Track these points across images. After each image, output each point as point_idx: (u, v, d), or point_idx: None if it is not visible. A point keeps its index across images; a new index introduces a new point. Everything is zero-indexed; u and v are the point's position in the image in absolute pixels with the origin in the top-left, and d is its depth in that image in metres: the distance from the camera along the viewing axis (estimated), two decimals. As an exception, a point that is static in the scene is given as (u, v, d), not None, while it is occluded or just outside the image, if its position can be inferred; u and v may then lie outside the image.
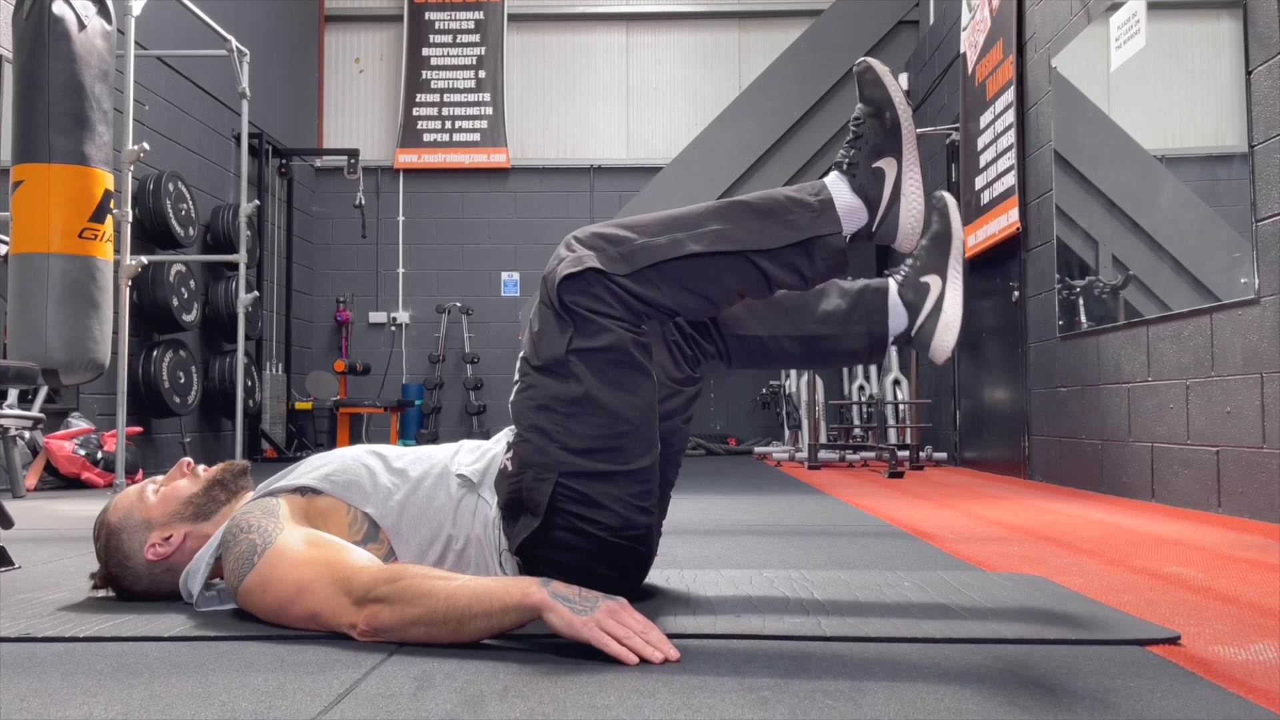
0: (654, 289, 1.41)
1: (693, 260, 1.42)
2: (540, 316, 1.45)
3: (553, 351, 1.42)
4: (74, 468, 4.54)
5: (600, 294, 1.40)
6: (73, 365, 3.81)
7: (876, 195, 1.46)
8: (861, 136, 1.48)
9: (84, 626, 1.38)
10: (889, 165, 1.46)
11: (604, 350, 1.41)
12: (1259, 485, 2.82)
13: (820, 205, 1.46)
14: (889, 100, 1.48)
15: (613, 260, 1.41)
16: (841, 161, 1.50)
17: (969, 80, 5.49)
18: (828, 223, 1.45)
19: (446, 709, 1.00)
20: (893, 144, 1.47)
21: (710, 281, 1.44)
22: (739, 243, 1.43)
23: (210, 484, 1.59)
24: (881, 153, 1.47)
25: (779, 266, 1.44)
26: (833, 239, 1.45)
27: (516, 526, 1.46)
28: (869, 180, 1.46)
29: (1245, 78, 2.91)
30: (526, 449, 1.46)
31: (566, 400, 1.42)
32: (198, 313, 6.22)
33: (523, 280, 8.70)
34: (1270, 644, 1.31)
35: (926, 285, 1.65)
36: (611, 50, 9.00)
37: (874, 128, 1.48)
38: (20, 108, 3.79)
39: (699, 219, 1.45)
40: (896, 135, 1.47)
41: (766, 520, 2.98)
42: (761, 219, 1.44)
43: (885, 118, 1.47)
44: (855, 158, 1.48)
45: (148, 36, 5.69)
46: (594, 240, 1.43)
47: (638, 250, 1.42)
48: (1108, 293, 3.86)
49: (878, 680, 1.10)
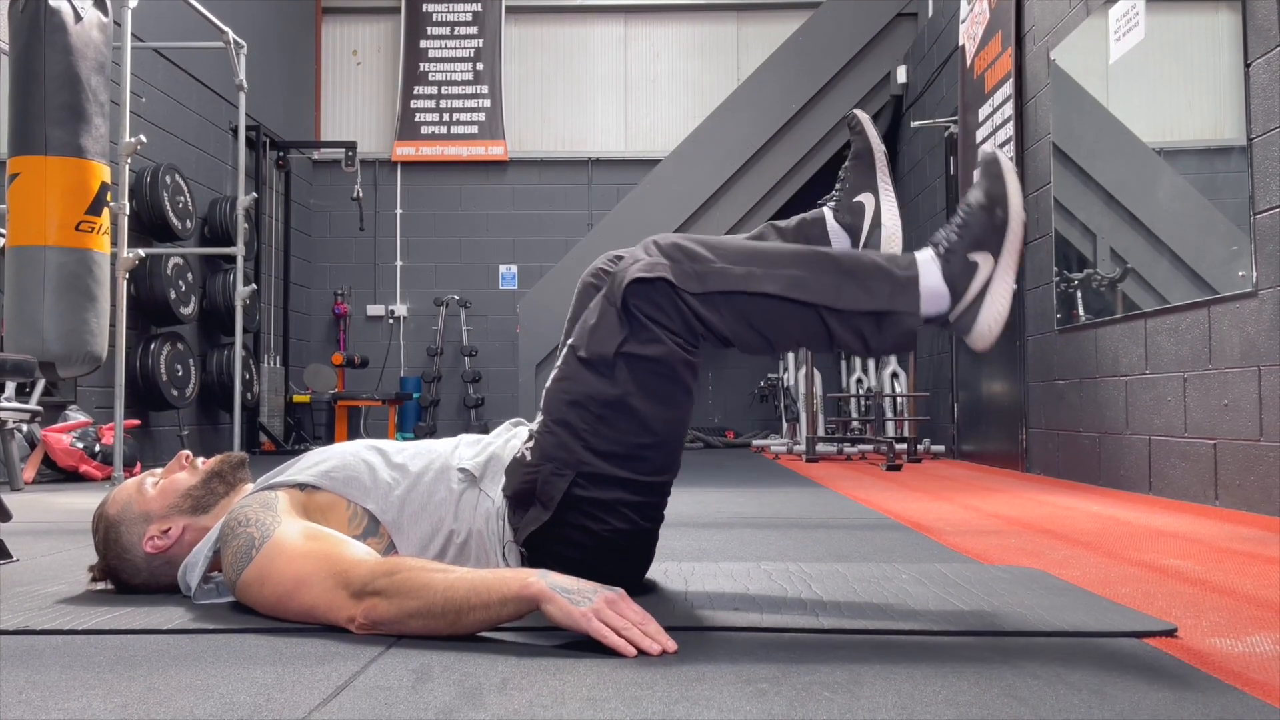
0: (718, 315, 1.40)
1: (763, 299, 1.39)
2: (600, 311, 1.44)
3: (602, 348, 1.41)
4: (72, 460, 4.54)
5: (664, 305, 1.39)
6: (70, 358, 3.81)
7: (964, 287, 1.41)
8: (967, 225, 1.42)
9: (82, 619, 1.38)
10: (985, 261, 1.40)
11: (652, 360, 1.40)
12: (1256, 478, 2.83)
13: (905, 281, 1.41)
14: (1006, 198, 1.41)
15: (686, 276, 1.39)
16: (939, 242, 1.44)
17: (968, 73, 5.48)
18: (907, 301, 1.40)
19: (445, 701, 1.00)
20: (996, 242, 1.41)
21: (773, 324, 1.41)
22: (813, 295, 1.39)
23: (209, 476, 1.59)
24: (981, 246, 1.41)
25: (845, 328, 1.41)
26: (907, 318, 1.40)
27: (525, 518, 1.46)
28: (961, 270, 1.41)
29: (1244, 70, 2.91)
30: (550, 441, 1.45)
31: (602, 401, 1.41)
32: (195, 306, 6.22)
33: (521, 273, 8.70)
34: (1267, 636, 1.31)
35: (861, 204, 1.66)
36: (609, 42, 8.98)
37: (982, 219, 1.42)
38: (16, 100, 3.78)
39: (780, 259, 1.42)
40: (1003, 234, 1.41)
41: (764, 513, 2.98)
42: (842, 277, 1.40)
43: (996, 214, 1.41)
44: (954, 243, 1.42)
45: (144, 28, 5.67)
46: (673, 250, 1.41)
47: (713, 273, 1.40)
48: (1106, 286, 3.86)
49: (875, 672, 1.11)
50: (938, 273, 1.42)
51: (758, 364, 8.46)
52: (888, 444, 5.12)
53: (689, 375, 1.44)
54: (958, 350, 5.84)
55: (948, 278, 1.41)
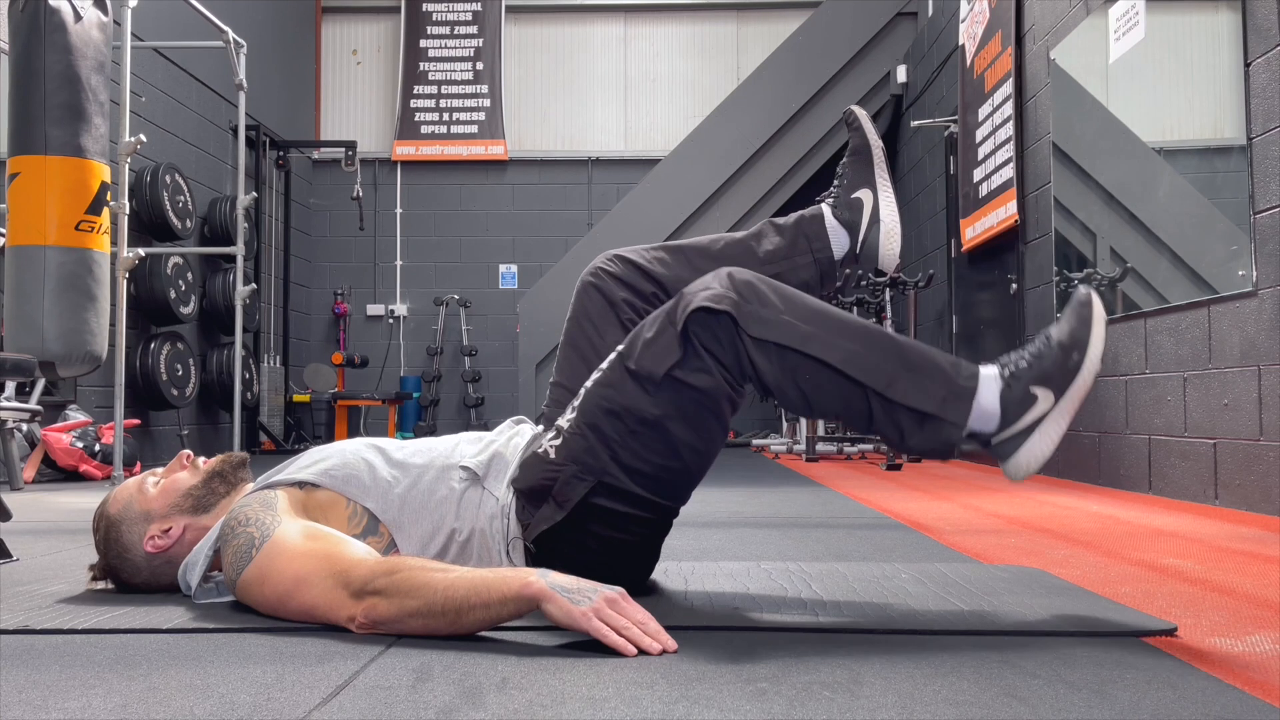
0: (769, 364, 1.39)
1: (818, 364, 1.38)
2: (659, 326, 1.42)
3: (653, 366, 1.40)
4: (72, 460, 4.54)
5: (722, 339, 1.38)
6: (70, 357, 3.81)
7: (1016, 416, 1.38)
8: (1040, 357, 1.39)
9: (82, 618, 1.38)
10: (1045, 398, 1.37)
11: (698, 390, 1.40)
12: (1256, 477, 2.83)
13: (962, 391, 1.38)
14: (1087, 345, 1.38)
15: (750, 317, 1.38)
16: (1005, 365, 1.41)
17: (967, 72, 5.48)
18: (957, 411, 1.38)
19: (445, 700, 1.00)
20: (1063, 383, 1.38)
21: (819, 390, 1.40)
22: (868, 375, 1.38)
23: (209, 476, 1.59)
24: (1047, 382, 1.38)
25: (888, 417, 1.39)
26: (951, 429, 1.38)
27: (538, 515, 1.45)
28: (1020, 398, 1.38)
29: (1244, 70, 2.91)
30: (579, 444, 1.44)
31: (639, 417, 1.41)
32: (195, 305, 6.22)
33: (521, 272, 8.70)
34: (1267, 636, 1.31)
35: (859, 200, 1.66)
36: (609, 42, 8.98)
37: (1056, 357, 1.38)
38: (16, 100, 3.78)
39: (846, 330, 1.40)
40: (1072, 379, 1.38)
41: (764, 512, 2.98)
42: (902, 366, 1.38)
43: (1073, 357, 1.38)
44: (1021, 370, 1.39)
45: (144, 28, 5.67)
46: (745, 288, 1.40)
47: (777, 323, 1.38)
48: (1106, 285, 3.86)
49: (875, 671, 1.11)
50: (996, 393, 1.39)
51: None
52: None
53: (729, 411, 1.44)
54: (958, 350, 5.84)
55: (1004, 402, 1.39)
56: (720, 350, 1.39)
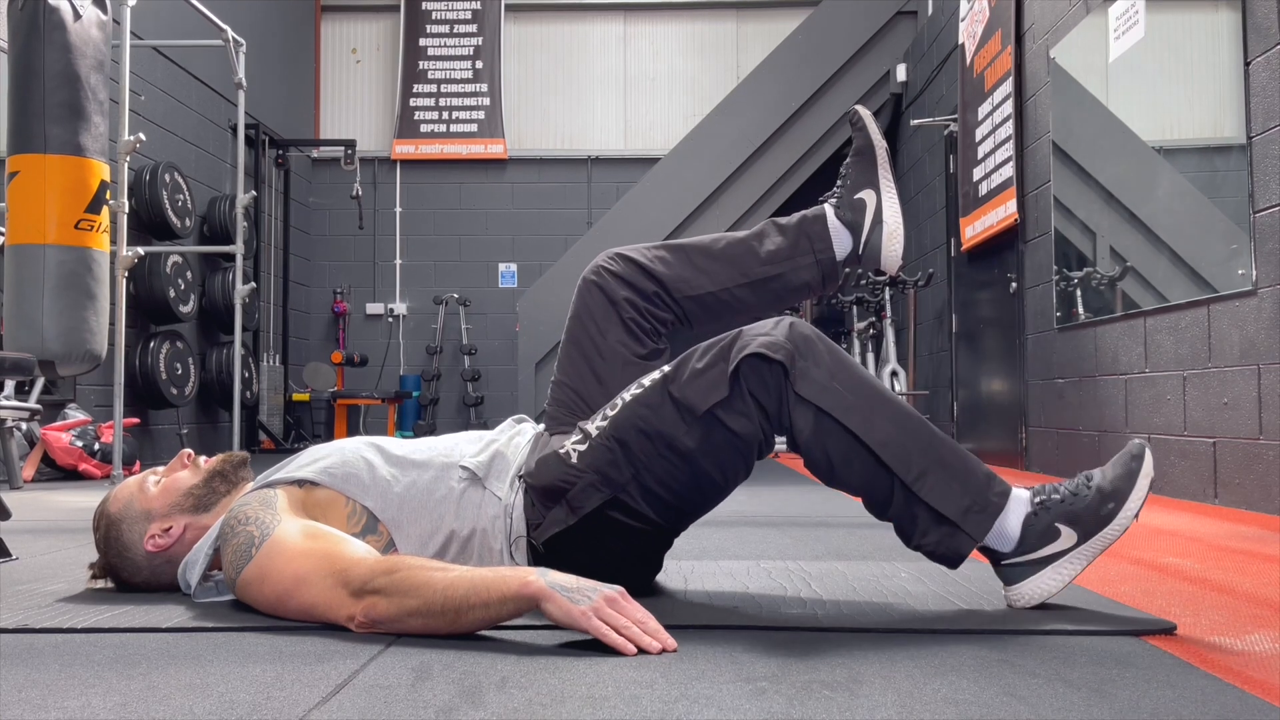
0: (805, 423, 1.39)
1: (852, 438, 1.38)
2: (710, 360, 1.41)
3: (696, 399, 1.39)
4: (71, 459, 4.54)
5: (769, 388, 1.39)
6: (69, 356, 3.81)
7: (1035, 547, 1.38)
8: (1076, 497, 1.39)
9: (82, 617, 1.38)
10: (1069, 538, 1.38)
11: (734, 433, 1.40)
12: (1256, 476, 2.83)
13: (988, 506, 1.38)
14: (1125, 500, 1.37)
15: (800, 374, 1.38)
16: (1040, 495, 1.41)
17: (967, 71, 5.48)
18: (978, 525, 1.38)
19: (444, 699, 1.00)
20: (1091, 529, 1.37)
21: (847, 463, 1.40)
22: (898, 463, 1.38)
23: (210, 475, 1.59)
24: (1075, 523, 1.37)
25: (906, 509, 1.40)
26: (964, 541, 1.38)
27: (549, 516, 1.45)
28: (1044, 531, 1.38)
29: (1244, 68, 2.91)
30: (604, 456, 1.43)
31: (670, 445, 1.41)
32: (195, 304, 6.22)
33: (520, 271, 8.69)
34: (1266, 635, 1.31)
35: (862, 201, 1.66)
36: (609, 41, 8.97)
37: (1093, 503, 1.38)
38: (15, 98, 3.78)
39: (888, 410, 1.39)
40: (1102, 526, 1.37)
41: (764, 511, 2.98)
42: (935, 464, 1.38)
43: (1108, 506, 1.37)
44: (1052, 504, 1.39)
45: (143, 26, 5.67)
46: (804, 343, 1.40)
47: (824, 387, 1.38)
48: (1105, 284, 3.86)
49: (875, 670, 1.11)
50: (1020, 520, 1.39)
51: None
52: (887, 442, 5.11)
53: (756, 456, 1.45)
54: (957, 349, 5.84)
55: (1026, 528, 1.39)
56: (765, 398, 1.39)
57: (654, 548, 1.53)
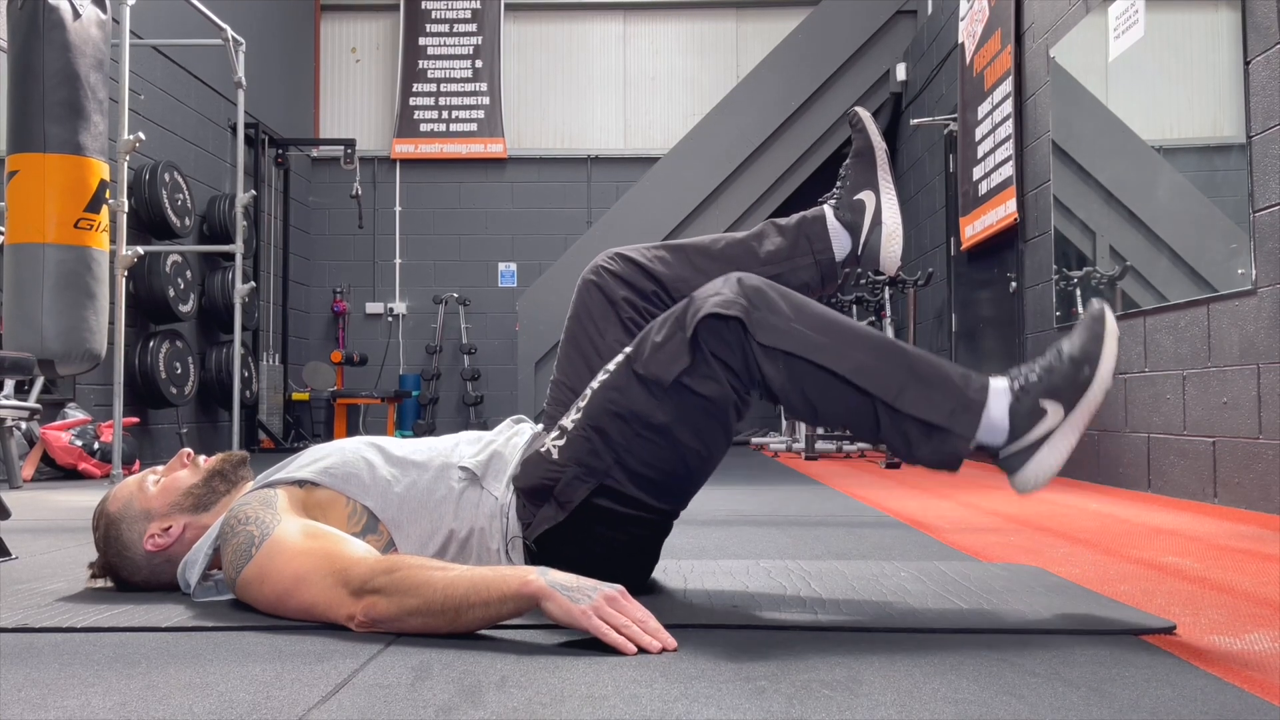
0: (776, 371, 1.39)
1: (826, 374, 1.38)
2: (668, 330, 1.42)
3: (662, 372, 1.40)
4: (71, 458, 4.54)
5: (732, 346, 1.38)
6: (69, 355, 3.81)
7: (1025, 430, 1.38)
8: (1051, 371, 1.39)
9: (81, 617, 1.38)
10: (1055, 412, 1.38)
11: (705, 398, 1.40)
12: (1255, 476, 2.83)
13: (971, 403, 1.38)
14: (1098, 360, 1.38)
15: (760, 325, 1.38)
16: (1015, 376, 1.41)
17: (967, 70, 5.48)
18: (965, 424, 1.38)
19: (444, 699, 1.00)
20: (1073, 397, 1.38)
21: (827, 400, 1.40)
22: (876, 386, 1.37)
23: (210, 475, 1.59)
24: (1057, 396, 1.38)
25: (895, 428, 1.39)
26: (958, 441, 1.38)
27: (539, 515, 1.45)
28: (1029, 411, 1.38)
29: (1243, 68, 2.91)
30: (583, 447, 1.44)
31: (645, 422, 1.41)
32: (194, 303, 6.21)
33: (520, 271, 8.69)
34: (1266, 634, 1.32)
35: (861, 202, 1.66)
36: (608, 40, 8.97)
37: (1068, 372, 1.39)
38: (15, 97, 3.78)
39: (856, 340, 1.40)
40: (1082, 393, 1.38)
41: (763, 511, 2.98)
42: (910, 377, 1.38)
43: (1084, 371, 1.38)
44: (1031, 384, 1.39)
45: (143, 25, 5.66)
46: (755, 295, 1.40)
47: (787, 332, 1.38)
48: (1105, 283, 3.86)
49: (874, 670, 1.11)
50: (1005, 406, 1.39)
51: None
52: (887, 442, 5.11)
53: (734, 419, 1.44)
54: (957, 348, 5.84)
55: (1013, 414, 1.39)
56: (730, 357, 1.39)
57: (650, 535, 1.52)
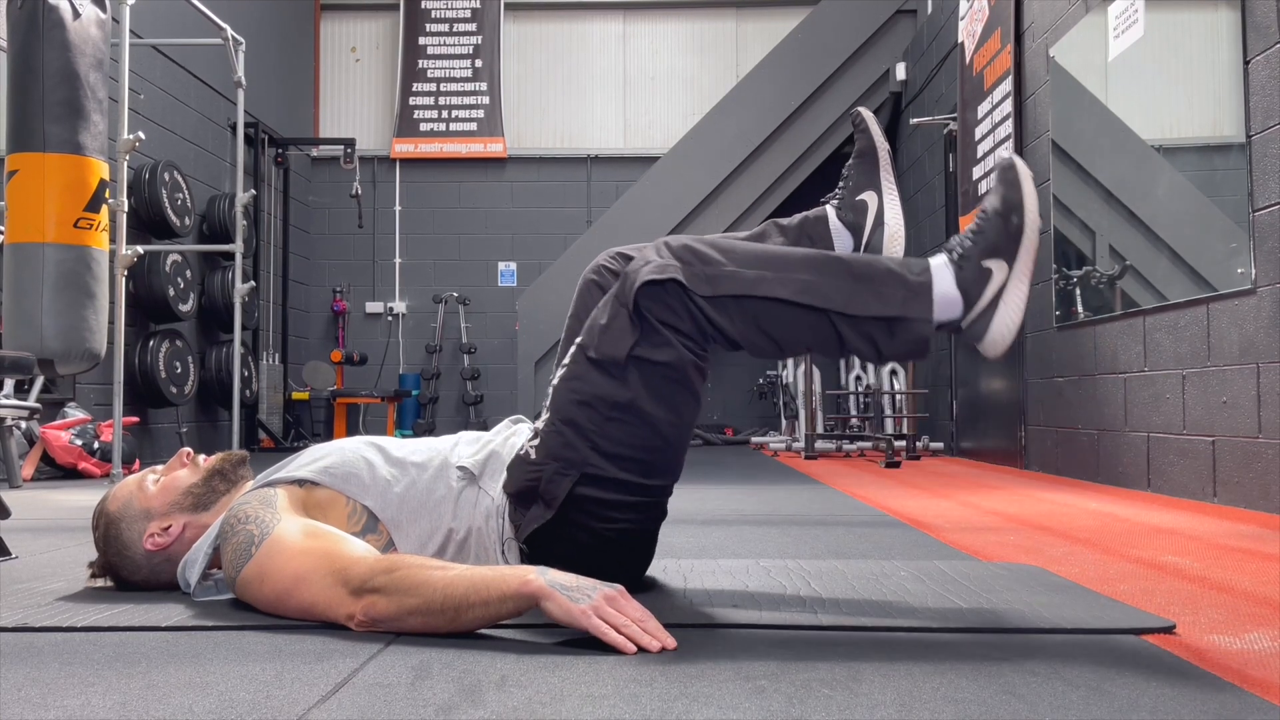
0: (728, 318, 1.39)
1: (774, 304, 1.39)
2: (611, 311, 1.43)
3: (614, 350, 1.41)
4: (71, 458, 4.54)
5: (676, 308, 1.39)
6: (68, 355, 3.80)
7: (978, 294, 1.40)
8: (982, 232, 1.42)
9: (81, 616, 1.38)
10: (999, 268, 1.40)
11: (663, 365, 1.40)
12: (1255, 475, 2.83)
13: (918, 287, 1.40)
14: (1022, 206, 1.41)
15: (697, 278, 1.38)
16: (952, 248, 1.44)
17: (966, 70, 5.48)
18: (920, 307, 1.39)
19: (444, 698, 1.00)
20: (1011, 249, 1.41)
21: (784, 328, 1.41)
22: (825, 300, 1.39)
23: (210, 474, 1.59)
24: (996, 253, 1.41)
25: (857, 334, 1.40)
26: (919, 325, 1.40)
27: (528, 516, 1.46)
28: (975, 276, 1.40)
29: (1243, 67, 2.91)
30: (556, 441, 1.44)
31: (611, 403, 1.41)
32: (194, 303, 6.21)
33: (520, 270, 8.69)
34: (1266, 633, 1.32)
35: (864, 203, 1.65)
36: (608, 39, 8.97)
37: (997, 226, 1.42)
38: (15, 96, 3.78)
39: (791, 263, 1.41)
40: (1017, 242, 1.41)
41: (763, 510, 2.98)
42: (854, 282, 1.40)
43: (1012, 221, 1.41)
44: (968, 250, 1.41)
45: (142, 25, 5.66)
46: (684, 253, 1.41)
47: (724, 276, 1.39)
48: (1105, 283, 3.86)
49: (874, 669, 1.11)
50: (951, 279, 1.41)
51: (757, 361, 8.46)
52: (886, 441, 5.12)
53: (698, 380, 1.44)
54: (956, 348, 5.84)
55: (961, 284, 1.41)
56: (676, 319, 1.39)
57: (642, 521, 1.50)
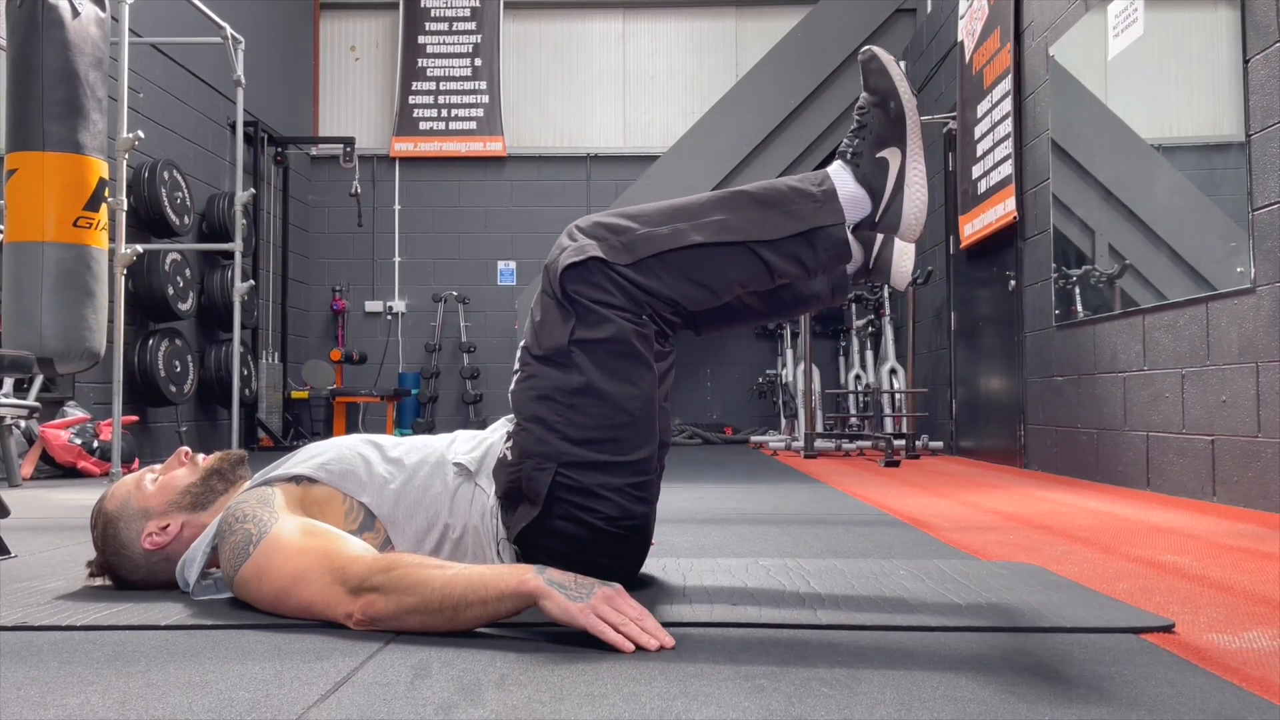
0: (656, 279, 1.41)
1: (695, 250, 1.42)
2: (542, 306, 1.45)
3: (555, 341, 1.43)
4: (70, 456, 4.54)
5: (603, 284, 1.40)
6: (68, 354, 3.80)
7: (880, 185, 1.45)
8: (865, 126, 1.47)
9: (81, 615, 1.38)
10: (893, 155, 1.45)
11: (606, 341, 1.41)
12: (1254, 474, 2.83)
13: (823, 195, 1.45)
14: (894, 89, 1.46)
15: (615, 250, 1.41)
16: (845, 151, 1.48)
17: (966, 69, 5.48)
18: (830, 213, 1.44)
19: (443, 697, 1.00)
20: (897, 133, 1.46)
21: (712, 272, 1.43)
22: (741, 233, 1.42)
23: (208, 474, 1.59)
24: (885, 142, 1.46)
25: (781, 257, 1.44)
26: (835, 229, 1.45)
27: (515, 515, 1.47)
28: (873, 170, 1.45)
29: (1243, 66, 2.91)
30: (526, 439, 1.46)
31: (568, 390, 1.42)
32: (193, 302, 6.21)
33: (519, 269, 8.69)
34: (1264, 632, 1.32)
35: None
36: (608, 38, 8.96)
37: (878, 117, 1.47)
38: (14, 95, 3.77)
39: (701, 209, 1.45)
40: (901, 125, 1.46)
41: (762, 509, 2.98)
42: (764, 209, 1.44)
43: (890, 107, 1.46)
44: (859, 147, 1.46)
45: (142, 24, 5.66)
46: (596, 230, 1.44)
47: (640, 240, 1.42)
48: (1104, 282, 3.86)
49: (873, 668, 1.11)
50: (851, 179, 1.46)
51: (757, 360, 8.46)
52: (886, 440, 5.12)
53: (645, 348, 1.45)
54: (956, 347, 5.84)
55: (862, 181, 1.46)
56: (607, 295, 1.41)
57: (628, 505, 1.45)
